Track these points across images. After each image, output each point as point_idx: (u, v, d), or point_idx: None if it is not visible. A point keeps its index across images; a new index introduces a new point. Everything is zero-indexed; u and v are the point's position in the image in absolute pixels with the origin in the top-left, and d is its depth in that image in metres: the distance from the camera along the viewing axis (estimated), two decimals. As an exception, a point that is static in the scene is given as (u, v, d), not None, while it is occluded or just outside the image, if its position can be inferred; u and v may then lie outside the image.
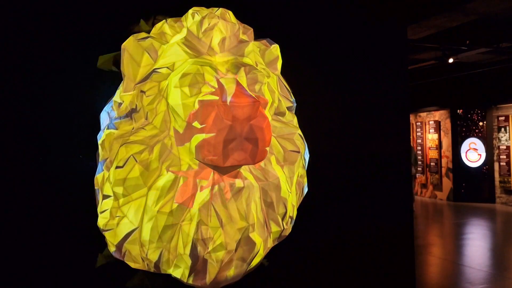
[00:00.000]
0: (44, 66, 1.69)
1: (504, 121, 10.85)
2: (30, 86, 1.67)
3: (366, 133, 2.48)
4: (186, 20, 1.66)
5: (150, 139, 1.54)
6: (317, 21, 2.33)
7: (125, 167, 1.51)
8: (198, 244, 1.56)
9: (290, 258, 2.13)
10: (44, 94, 1.69)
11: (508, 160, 10.74)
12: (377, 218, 2.48)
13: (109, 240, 1.60)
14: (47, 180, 1.68)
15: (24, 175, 1.65)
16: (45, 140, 1.68)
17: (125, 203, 1.54)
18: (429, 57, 8.83)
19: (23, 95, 1.66)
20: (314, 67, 2.32)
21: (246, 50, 1.67)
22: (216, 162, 1.45)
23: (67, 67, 1.72)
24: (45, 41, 1.69)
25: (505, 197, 10.92)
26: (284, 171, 1.73)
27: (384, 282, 2.48)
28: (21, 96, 1.65)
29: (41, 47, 1.69)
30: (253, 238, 1.63)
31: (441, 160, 12.18)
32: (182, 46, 1.59)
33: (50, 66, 1.70)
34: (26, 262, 1.65)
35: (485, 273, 5.66)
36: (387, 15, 2.59)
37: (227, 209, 1.57)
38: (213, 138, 1.42)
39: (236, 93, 1.46)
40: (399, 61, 2.64)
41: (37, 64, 1.68)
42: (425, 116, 12.72)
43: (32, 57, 1.67)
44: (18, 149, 1.64)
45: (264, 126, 1.48)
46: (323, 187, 2.24)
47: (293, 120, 1.84)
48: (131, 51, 1.57)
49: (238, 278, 1.70)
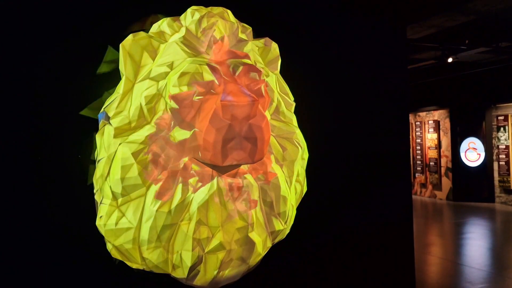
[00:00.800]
0: (42, 65, 1.68)
1: (504, 120, 10.85)
2: (27, 85, 1.66)
3: (365, 132, 2.48)
4: (185, 19, 1.65)
5: (148, 138, 1.54)
6: (316, 20, 2.33)
7: (124, 167, 1.50)
8: (197, 244, 1.55)
9: (289, 257, 2.13)
10: (41, 93, 1.68)
11: (507, 159, 10.74)
12: (377, 217, 2.48)
13: (108, 240, 1.60)
14: (45, 180, 1.67)
15: (22, 175, 1.64)
16: (43, 140, 1.68)
17: (123, 203, 1.53)
18: (429, 56, 8.83)
19: (20, 95, 1.65)
20: (313, 67, 2.31)
21: (245, 49, 1.66)
22: (215, 161, 1.44)
23: (65, 66, 1.71)
24: (43, 40, 1.68)
25: (504, 197, 10.92)
26: (283, 170, 1.72)
27: (384, 281, 2.47)
28: (19, 96, 1.65)
29: (39, 47, 1.68)
30: (252, 238, 1.63)
31: (440, 159, 12.18)
32: (180, 45, 1.58)
33: (48, 65, 1.69)
34: (23, 262, 1.64)
35: (484, 272, 5.66)
36: (387, 14, 2.59)
37: (226, 208, 1.57)
38: (212, 137, 1.42)
39: (235, 92, 1.45)
40: (398, 61, 2.64)
41: (35, 63, 1.67)
42: (425, 116, 12.72)
43: (29, 56, 1.67)
44: (15, 149, 1.63)
45: (263, 125, 1.47)
46: (322, 186, 2.23)
47: (292, 119, 1.84)
48: (129, 50, 1.57)
49: (238, 278, 1.70)
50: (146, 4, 1.82)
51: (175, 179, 1.54)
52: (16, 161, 1.63)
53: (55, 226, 1.68)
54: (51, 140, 1.69)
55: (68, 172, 1.70)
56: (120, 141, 1.52)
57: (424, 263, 6.04)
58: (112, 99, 1.57)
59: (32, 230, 1.65)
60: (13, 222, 1.62)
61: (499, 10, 5.59)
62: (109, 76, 1.67)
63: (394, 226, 2.54)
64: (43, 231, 1.66)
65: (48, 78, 1.69)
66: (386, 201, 2.52)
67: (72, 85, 1.71)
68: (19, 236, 1.63)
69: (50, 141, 1.69)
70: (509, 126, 10.73)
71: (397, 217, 2.57)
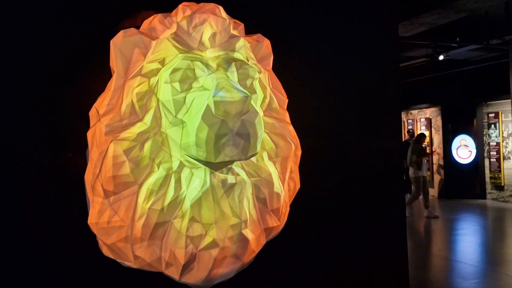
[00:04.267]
0: (32, 62, 1.66)
1: (494, 117, 10.95)
2: (17, 83, 1.64)
3: (358, 129, 2.48)
4: (176, 15, 1.64)
5: (140, 136, 1.52)
6: (308, 17, 2.33)
7: (115, 164, 1.49)
8: (190, 241, 1.54)
9: (283, 254, 2.13)
10: (31, 91, 1.66)
11: (498, 156, 10.84)
12: (370, 214, 2.48)
13: (100, 239, 1.58)
14: (36, 178, 1.65)
15: (12, 174, 1.62)
16: (34, 138, 1.66)
17: (115, 201, 1.52)
18: (420, 54, 8.89)
19: (10, 93, 1.63)
20: (305, 63, 2.31)
21: (237, 45, 1.66)
22: (208, 157, 1.43)
23: (55, 63, 1.69)
24: (32, 37, 1.66)
25: (495, 193, 11.03)
26: (277, 167, 1.72)
27: (378, 278, 2.48)
28: (8, 93, 1.62)
29: (28, 44, 1.66)
30: (246, 235, 1.62)
31: (432, 157, 12.27)
32: (172, 41, 1.57)
33: (38, 62, 1.67)
34: (13, 261, 1.62)
35: (476, 268, 5.71)
36: (379, 12, 2.59)
37: (219, 205, 1.56)
38: (204, 133, 1.41)
39: (227, 88, 1.44)
40: (391, 58, 2.65)
41: (25, 61, 1.65)
42: (417, 114, 12.81)
43: (19, 54, 1.64)
44: (5, 147, 1.61)
45: (256, 121, 1.47)
46: (315, 183, 2.23)
47: (285, 115, 1.83)
48: (120, 46, 1.55)
49: (232, 275, 1.69)
50: (137, 0, 1.80)
51: (168, 176, 1.53)
52: (4, 159, 1.61)
53: (45, 225, 1.66)
54: (42, 137, 1.67)
55: (59, 170, 1.68)
56: (112, 139, 1.50)
57: (418, 259, 6.08)
58: (104, 96, 1.56)
59: (22, 229, 1.63)
60: (1, 221, 1.60)
61: (490, 8, 5.64)
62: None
63: (387, 223, 2.55)
64: (33, 230, 1.64)
65: (36, 75, 1.67)
66: (379, 197, 2.53)
67: (63, 80, 1.69)
68: (8, 235, 1.61)
69: (40, 139, 1.67)
70: (499, 123, 10.84)
71: (391, 214, 2.57)
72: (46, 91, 1.68)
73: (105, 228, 1.53)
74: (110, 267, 1.67)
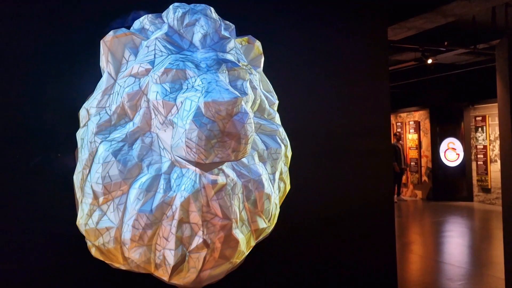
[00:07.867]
0: (22, 62, 1.65)
1: (481, 121, 11.10)
2: (7, 82, 1.62)
3: (348, 132, 2.50)
4: (167, 15, 1.64)
5: (130, 136, 1.52)
6: (298, 20, 2.34)
7: (105, 165, 1.48)
8: (180, 243, 1.54)
9: (272, 255, 2.13)
10: (21, 90, 1.64)
11: (485, 159, 10.99)
12: (359, 216, 2.50)
13: (89, 240, 1.57)
14: (24, 179, 1.63)
15: (0, 174, 1.60)
16: (23, 138, 1.64)
17: (104, 202, 1.50)
18: (409, 58, 8.97)
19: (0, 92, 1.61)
20: (296, 65, 2.32)
21: (228, 47, 1.66)
22: (198, 159, 1.43)
23: (45, 63, 1.68)
24: (23, 36, 1.64)
25: (482, 195, 11.17)
26: (267, 168, 1.72)
27: (367, 279, 2.50)
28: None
29: (17, 44, 1.64)
30: (235, 236, 1.62)
31: (421, 159, 12.39)
32: (163, 41, 1.57)
33: (28, 62, 1.65)
34: (2, 262, 1.60)
35: (463, 269, 5.78)
36: (368, 16, 2.62)
37: (209, 206, 1.55)
38: (194, 134, 1.41)
39: (218, 89, 1.44)
40: (380, 62, 2.67)
41: (15, 60, 1.64)
42: (405, 117, 12.92)
43: (8, 54, 1.63)
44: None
45: (246, 123, 1.47)
46: (305, 184, 2.24)
47: (276, 117, 1.84)
48: (111, 46, 1.54)
49: (221, 277, 1.69)
50: (128, 0, 1.80)
51: (157, 177, 1.52)
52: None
53: (33, 225, 1.64)
54: (31, 138, 1.66)
55: (48, 171, 1.67)
56: (101, 139, 1.49)
57: (405, 261, 6.13)
58: (94, 96, 1.55)
59: (9, 230, 1.61)
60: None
61: (477, 13, 5.72)
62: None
63: (376, 225, 2.57)
64: (21, 231, 1.62)
65: (26, 75, 1.65)
66: (368, 200, 2.55)
67: (53, 80, 1.68)
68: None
69: (29, 139, 1.65)
70: (487, 126, 10.99)
71: (379, 216, 2.60)
72: (35, 91, 1.66)
73: (93, 229, 1.52)
74: (99, 269, 1.65)
